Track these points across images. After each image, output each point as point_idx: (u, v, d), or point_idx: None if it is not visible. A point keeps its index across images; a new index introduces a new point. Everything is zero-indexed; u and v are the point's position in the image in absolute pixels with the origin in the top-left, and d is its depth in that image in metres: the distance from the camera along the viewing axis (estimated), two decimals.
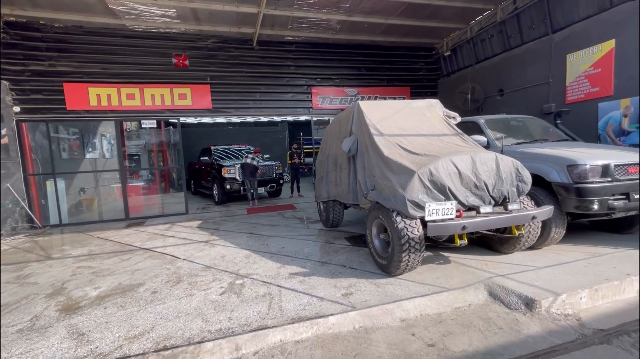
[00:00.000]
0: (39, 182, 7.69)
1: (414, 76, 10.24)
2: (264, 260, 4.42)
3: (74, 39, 7.50)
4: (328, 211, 5.88)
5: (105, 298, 3.42)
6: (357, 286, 3.36)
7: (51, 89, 7.39)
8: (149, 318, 2.90)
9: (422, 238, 3.29)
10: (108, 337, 2.61)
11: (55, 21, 7.24)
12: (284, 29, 8.28)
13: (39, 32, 7.27)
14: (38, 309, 3.21)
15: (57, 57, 7.40)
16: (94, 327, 2.79)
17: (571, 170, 3.79)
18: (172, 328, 2.70)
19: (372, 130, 4.11)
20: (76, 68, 7.52)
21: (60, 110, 7.46)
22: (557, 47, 6.62)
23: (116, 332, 2.68)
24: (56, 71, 7.40)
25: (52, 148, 7.76)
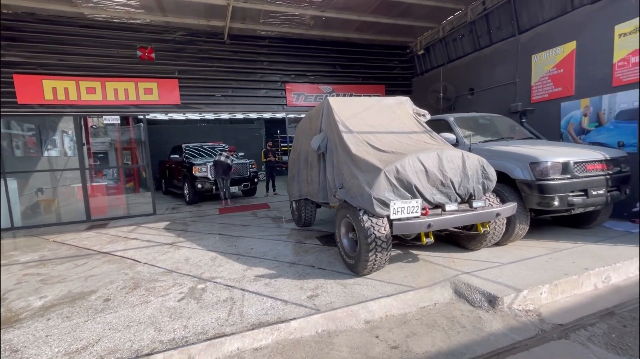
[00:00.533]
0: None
1: (388, 74, 10.28)
2: (230, 261, 4.24)
3: (25, 26, 6.93)
4: (300, 210, 5.76)
5: (51, 308, 3.14)
6: (323, 288, 3.26)
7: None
8: (96, 329, 2.67)
9: (389, 236, 3.23)
10: (45, 353, 2.37)
11: (3, 7, 6.66)
12: (256, 23, 8.05)
13: None
14: None
15: (5, 46, 6.81)
16: (31, 342, 2.53)
17: (534, 167, 3.86)
18: (121, 340, 2.49)
19: (341, 127, 4.03)
20: (28, 58, 6.96)
21: (10, 104, 6.89)
22: (523, 47, 6.81)
23: (55, 347, 2.44)
24: (5, 61, 6.81)
25: (1, 145, 7.15)
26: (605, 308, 2.90)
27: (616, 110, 5.25)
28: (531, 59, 6.62)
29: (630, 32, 4.98)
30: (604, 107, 5.42)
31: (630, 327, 2.63)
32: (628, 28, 5.01)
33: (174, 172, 10.88)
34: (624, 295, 3.13)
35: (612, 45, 5.23)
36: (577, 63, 5.79)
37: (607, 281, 3.32)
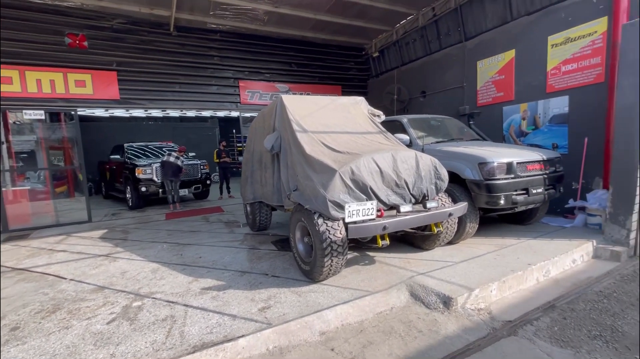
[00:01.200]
0: None
1: (345, 75, 10.31)
2: (174, 273, 3.84)
3: None
4: (254, 214, 5.46)
5: None
6: (277, 298, 3.04)
7: None
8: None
9: (345, 240, 3.10)
10: None
11: None
12: (206, 15, 7.55)
13: None
14: None
15: None
16: None
17: (482, 167, 4.00)
18: None
19: (295, 126, 3.83)
20: None
21: None
22: (469, 53, 7.17)
23: None
24: None
25: None
26: (547, 301, 3.04)
27: (550, 115, 5.70)
28: (477, 65, 6.99)
29: (561, 43, 5.43)
30: (539, 111, 5.86)
31: (570, 319, 2.77)
32: (559, 39, 5.46)
33: (115, 174, 9.89)
34: (562, 287, 3.32)
35: (546, 54, 5.67)
36: (516, 70, 6.21)
37: (547, 275, 3.52)
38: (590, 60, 5.10)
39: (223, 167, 9.96)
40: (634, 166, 3.84)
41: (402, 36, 8.92)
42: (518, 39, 6.16)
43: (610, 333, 2.64)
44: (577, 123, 5.32)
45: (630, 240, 3.96)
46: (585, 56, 5.16)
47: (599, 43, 4.99)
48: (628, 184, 3.92)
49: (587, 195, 4.84)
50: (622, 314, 2.89)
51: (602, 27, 4.94)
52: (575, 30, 5.23)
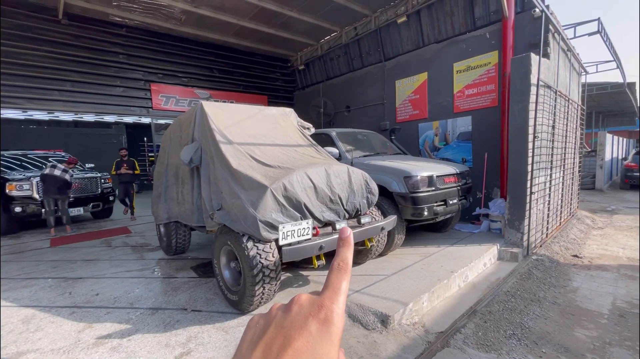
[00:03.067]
0: None
1: (271, 85, 10.10)
2: (57, 320, 3.00)
3: None
4: (170, 236, 4.74)
5: None
6: (199, 338, 2.58)
7: None
8: None
9: (278, 264, 2.83)
10: None
11: None
12: (107, 6, 6.52)
13: None
14: None
15: None
16: None
17: (407, 180, 4.18)
18: None
19: (219, 136, 3.43)
20: None
21: None
22: (389, 73, 7.69)
23: None
24: None
25: None
26: (469, 306, 3.24)
27: (457, 132, 6.40)
28: (395, 84, 7.52)
29: (464, 70, 6.18)
30: (449, 128, 6.54)
31: (489, 322, 2.98)
32: (462, 66, 6.20)
33: None
34: (479, 291, 3.60)
35: (452, 78, 6.38)
36: (429, 91, 6.86)
37: (466, 280, 3.79)
38: (487, 87, 5.90)
39: (124, 182, 8.10)
40: (525, 178, 4.48)
41: (327, 51, 9.16)
42: (429, 63, 6.83)
43: (520, 330, 2.91)
44: (479, 140, 6.07)
45: (524, 242, 4.58)
46: (482, 82, 5.95)
47: (492, 72, 5.81)
48: (520, 193, 4.54)
49: (489, 203, 5.50)
50: (526, 310, 3.24)
51: (494, 60, 5.77)
52: (475, 59, 6.01)
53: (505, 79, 5.38)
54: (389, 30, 7.59)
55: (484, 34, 5.91)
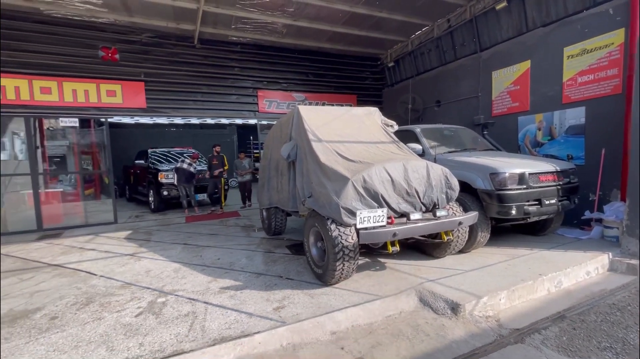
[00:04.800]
0: None
1: (360, 84, 10.50)
2: (194, 273, 4.07)
3: None
4: (270, 219, 5.67)
5: None
6: (290, 299, 3.20)
7: None
8: (39, 352, 2.44)
9: (357, 246, 3.25)
10: None
11: None
12: (228, 29, 7.94)
13: None
14: None
15: None
16: None
17: (493, 177, 4.06)
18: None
19: (311, 135, 4.03)
20: None
21: None
22: (484, 64, 7.22)
23: None
24: None
25: None
26: (557, 311, 3.07)
27: (566, 126, 5.68)
28: (492, 75, 7.03)
29: (577, 54, 5.43)
30: (555, 122, 5.84)
31: (579, 329, 2.80)
32: (575, 50, 5.46)
33: (139, 178, 10.37)
34: (573, 298, 3.33)
35: (562, 65, 5.67)
36: (532, 80, 6.22)
37: (559, 286, 3.53)
38: (607, 72, 5.08)
39: (214, 176, 8.43)
40: None
41: (417, 46, 9.05)
42: (533, 49, 6.18)
43: (622, 345, 2.65)
44: (594, 135, 5.28)
45: None
46: (602, 67, 5.14)
47: (616, 54, 4.98)
48: None
49: (604, 207, 4.78)
50: (635, 327, 2.89)
51: (618, 39, 4.93)
52: (592, 41, 5.23)
53: (632, 61, 4.58)
54: (486, 18, 7.11)
55: (606, 10, 5.09)
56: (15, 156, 9.93)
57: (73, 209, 9.38)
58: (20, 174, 9.34)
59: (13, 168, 9.66)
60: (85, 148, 12.31)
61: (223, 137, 17.73)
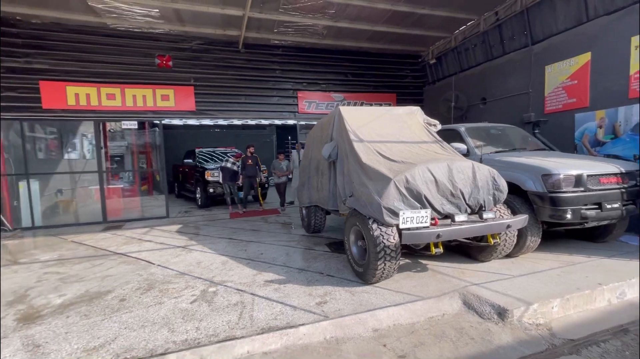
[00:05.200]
0: (11, 183, 7.39)
1: (400, 83, 10.34)
2: (240, 266, 4.32)
3: (51, 35, 7.28)
4: (310, 217, 5.82)
5: (69, 306, 3.27)
6: (332, 295, 3.30)
7: (26, 87, 7.15)
8: (113, 328, 2.77)
9: (398, 246, 3.26)
10: (65, 349, 2.48)
11: (32, 17, 7.02)
12: (270, 33, 8.24)
13: (14, 27, 7.03)
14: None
15: (33, 54, 7.17)
16: (52, 338, 2.65)
17: (546, 179, 3.84)
18: (136, 339, 2.58)
19: (352, 136, 4.09)
20: (53, 66, 7.30)
21: (36, 108, 7.22)
22: (537, 58, 6.77)
23: (75, 343, 2.55)
24: (32, 68, 7.17)
25: (26, 147, 7.49)
26: (619, 324, 2.85)
27: (632, 123, 5.17)
28: (545, 70, 6.58)
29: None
30: (620, 118, 5.34)
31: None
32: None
33: (187, 176, 11.10)
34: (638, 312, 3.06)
35: (629, 56, 5.17)
36: (592, 74, 5.74)
37: (621, 297, 3.26)
38: None
39: (249, 176, 8.41)
40: None
41: (462, 42, 8.72)
42: (595, 40, 5.70)
43: None
44: None
45: None
46: None
47: None
48: None
49: None
50: None
51: None
52: None
53: None
54: (539, 9, 6.67)
55: None
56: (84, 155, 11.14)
57: (131, 204, 10.31)
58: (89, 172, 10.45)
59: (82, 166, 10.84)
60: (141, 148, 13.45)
61: (263, 137, 18.34)
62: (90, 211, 9.05)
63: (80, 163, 10.72)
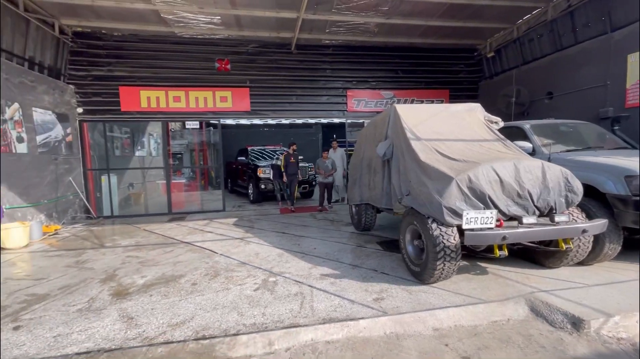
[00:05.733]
0: (95, 177, 8.45)
1: (453, 78, 9.91)
2: (296, 259, 4.52)
3: (129, 46, 8.16)
4: (360, 215, 5.87)
5: (151, 286, 3.69)
6: (388, 292, 3.33)
7: (108, 92, 8.10)
8: (189, 308, 3.09)
9: (459, 246, 3.19)
10: (153, 322, 2.83)
11: (114, 30, 7.93)
12: (322, 33, 8.39)
13: (100, 40, 8.00)
14: (94, 293, 3.54)
15: (114, 63, 8.10)
16: (141, 312, 3.03)
17: (629, 181, 3.47)
18: (210, 319, 2.86)
19: (409, 134, 4.06)
20: (130, 73, 8.17)
21: (116, 111, 8.15)
22: (617, 46, 6.08)
23: (160, 318, 2.89)
24: (113, 76, 8.10)
25: (107, 146, 8.50)
26: None
27: None
28: (627, 59, 5.89)
29: None
30: None
31: None
32: None
33: (240, 172, 11.75)
34: None
35: None
36: None
37: None
38: None
39: (291, 174, 8.42)
40: None
41: (525, 32, 8.10)
42: None
43: None
44: None
45: None
46: None
47: None
48: None
49: None
50: None
51: None
52: None
53: None
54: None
55: None
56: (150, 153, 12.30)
57: (191, 197, 11.20)
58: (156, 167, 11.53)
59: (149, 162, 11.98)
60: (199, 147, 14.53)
61: (309, 135, 18.73)
62: (157, 204, 10.00)
63: (147, 159, 11.89)
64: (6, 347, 2.51)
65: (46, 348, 2.48)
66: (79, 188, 7.87)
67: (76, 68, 7.92)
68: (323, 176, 8.38)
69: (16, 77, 6.16)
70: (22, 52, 6.49)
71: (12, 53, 6.23)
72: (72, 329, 2.75)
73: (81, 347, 2.48)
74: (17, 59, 6.36)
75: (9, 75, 5.99)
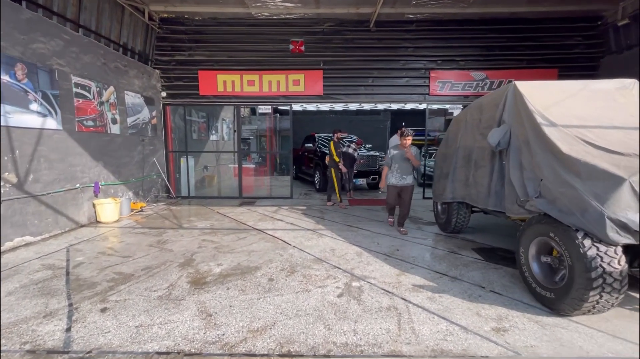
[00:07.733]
0: (175, 158, 8.87)
1: (565, 55, 8.15)
2: (378, 261, 3.96)
3: (208, 29, 8.23)
4: (450, 215, 5.05)
5: (227, 277, 3.47)
6: (510, 321, 2.59)
7: (189, 76, 8.32)
8: (269, 311, 2.75)
9: (625, 274, 2.30)
10: (233, 324, 2.53)
11: (196, 15, 8.04)
12: (407, 6, 7.45)
13: (182, 25, 8.19)
14: (173, 278, 3.43)
15: (194, 47, 8.25)
16: (219, 309, 2.77)
17: None
18: (294, 329, 2.47)
19: (539, 118, 3.14)
20: (208, 57, 8.26)
21: (194, 95, 8.35)
22: None
23: (240, 320, 2.59)
24: (193, 60, 8.27)
25: (186, 129, 8.83)
26: None
27: None
28: None
29: None
30: None
31: None
32: None
33: (305, 159, 11.50)
34: None
35: None
36: None
37: None
38: None
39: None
40: None
41: None
42: None
43: None
44: None
45: None
46: None
47: None
48: None
49: None
50: None
51: None
52: None
53: None
54: None
55: None
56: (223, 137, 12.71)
57: (259, 182, 11.32)
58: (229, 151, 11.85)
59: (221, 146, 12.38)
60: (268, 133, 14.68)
61: (377, 122, 17.78)
62: (229, 187, 10.27)
63: (220, 143, 12.32)
64: (93, 332, 2.42)
65: (129, 340, 2.32)
66: (162, 169, 8.31)
67: (161, 54, 8.25)
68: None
69: (112, 62, 6.53)
70: (117, 38, 6.86)
71: (110, 39, 6.60)
72: (153, 320, 2.59)
73: (161, 345, 2.27)
74: (113, 44, 6.74)
75: (106, 59, 6.36)
